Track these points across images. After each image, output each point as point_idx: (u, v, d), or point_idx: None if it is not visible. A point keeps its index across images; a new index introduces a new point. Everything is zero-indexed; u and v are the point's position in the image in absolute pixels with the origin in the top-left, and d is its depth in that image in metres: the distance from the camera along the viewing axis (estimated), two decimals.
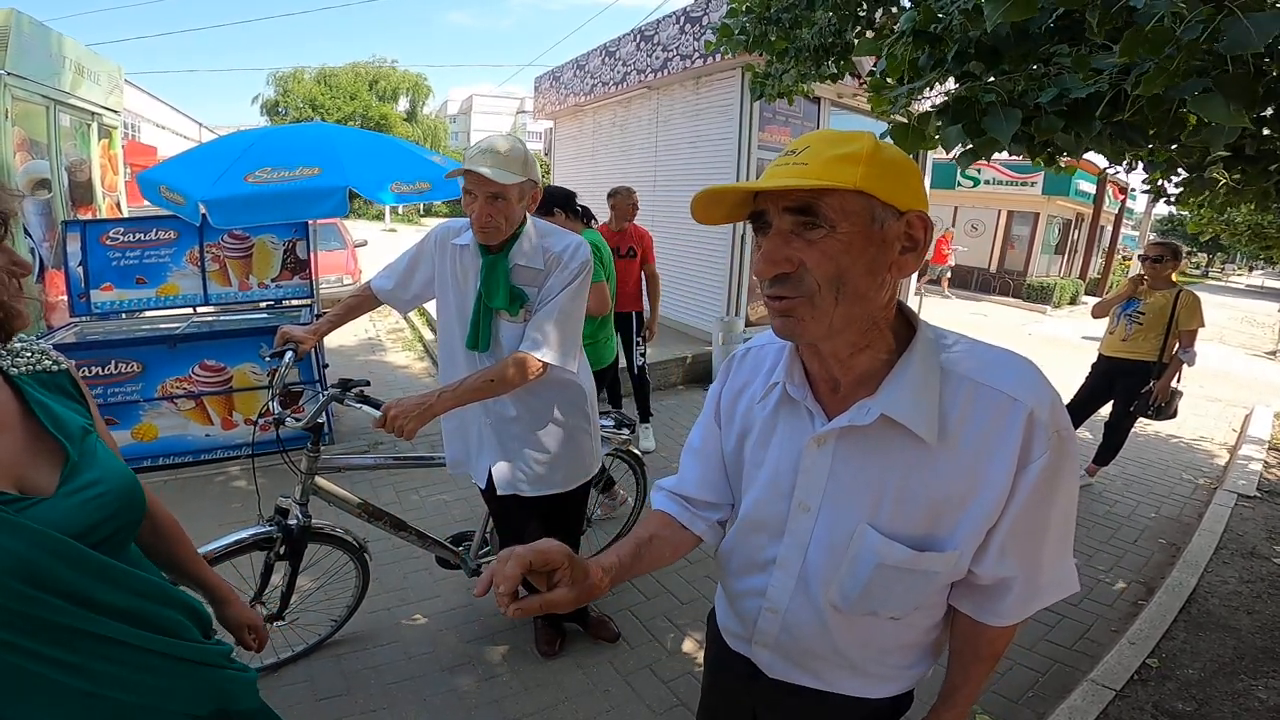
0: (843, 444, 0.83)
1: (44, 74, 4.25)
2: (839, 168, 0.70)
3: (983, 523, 0.79)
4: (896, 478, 0.80)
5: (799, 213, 0.72)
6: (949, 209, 15.85)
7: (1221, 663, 2.46)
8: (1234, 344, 11.38)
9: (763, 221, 0.77)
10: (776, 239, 0.75)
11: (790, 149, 0.75)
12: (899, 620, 0.87)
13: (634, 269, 4.18)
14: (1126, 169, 2.17)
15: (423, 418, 1.63)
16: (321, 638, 2.33)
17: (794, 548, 0.89)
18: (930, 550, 0.80)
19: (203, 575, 1.17)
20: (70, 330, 3.85)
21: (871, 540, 0.82)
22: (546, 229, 1.81)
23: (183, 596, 0.95)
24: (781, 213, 0.74)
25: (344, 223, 8.99)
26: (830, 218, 0.71)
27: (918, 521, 0.80)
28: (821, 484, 0.85)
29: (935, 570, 0.82)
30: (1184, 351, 3.57)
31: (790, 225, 0.73)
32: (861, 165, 0.70)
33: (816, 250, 0.72)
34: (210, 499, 3.45)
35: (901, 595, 0.84)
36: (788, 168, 0.72)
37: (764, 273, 0.75)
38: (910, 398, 0.77)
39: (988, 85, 1.48)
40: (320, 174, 3.40)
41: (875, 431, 0.79)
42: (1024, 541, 0.80)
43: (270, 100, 28.95)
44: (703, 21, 5.81)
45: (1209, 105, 1.06)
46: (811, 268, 0.73)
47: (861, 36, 2.66)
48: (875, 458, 0.81)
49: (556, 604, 0.76)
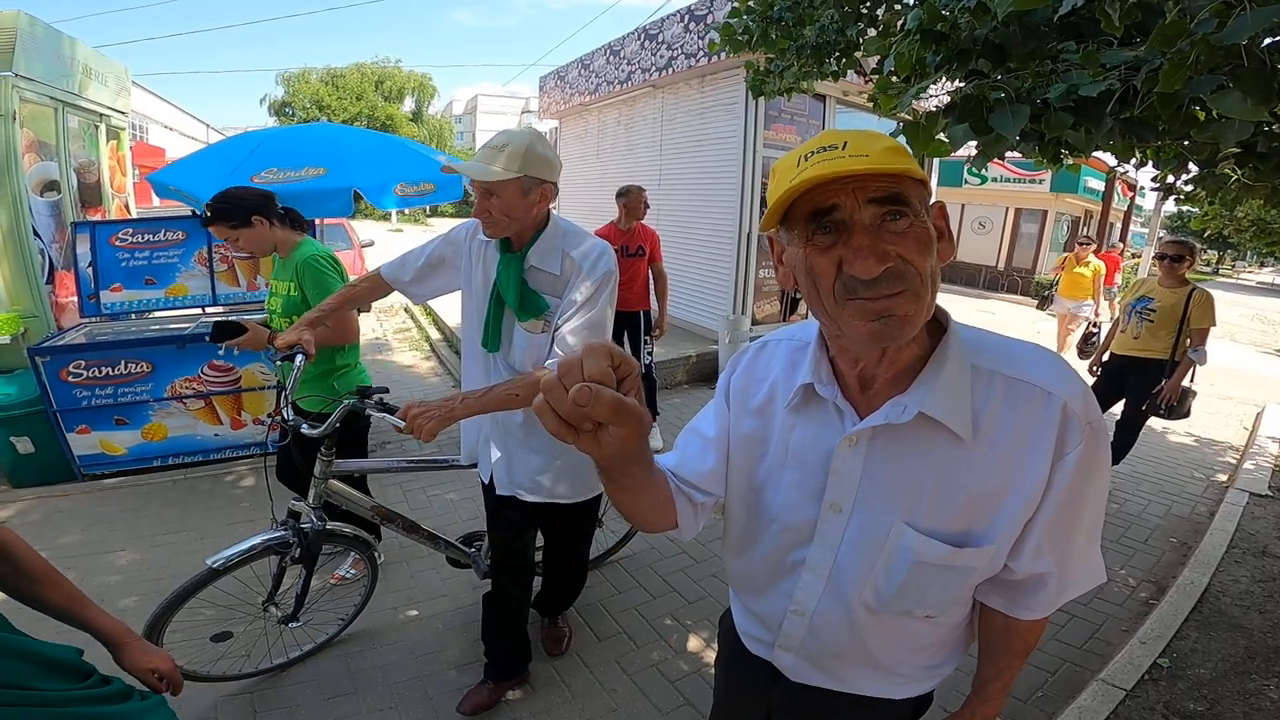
0: (876, 443, 0.81)
1: (52, 75, 4.27)
2: (899, 157, 0.68)
3: (1020, 516, 0.78)
4: (933, 475, 0.79)
5: (886, 202, 0.69)
6: (956, 206, 15.76)
7: (1233, 662, 2.43)
8: (1245, 342, 11.27)
9: (827, 218, 0.70)
10: (868, 234, 0.69)
11: (825, 144, 0.70)
12: (932, 618, 0.87)
13: (641, 268, 4.18)
14: (1136, 166, 2.15)
15: (443, 420, 1.62)
16: (329, 636, 2.34)
17: (824, 549, 0.87)
18: (968, 546, 0.80)
19: (85, 618, 1.11)
20: (80, 331, 3.88)
21: (909, 539, 0.81)
22: (571, 232, 1.74)
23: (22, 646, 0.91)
24: (864, 204, 0.69)
25: (350, 223, 9.02)
26: (915, 206, 0.70)
27: (954, 518, 0.79)
28: (854, 484, 0.83)
29: (973, 566, 0.81)
30: (1195, 350, 3.53)
31: (874, 217, 0.69)
32: (907, 156, 0.69)
33: (912, 240, 0.69)
34: (220, 498, 3.47)
35: (938, 593, 0.84)
36: (847, 160, 0.67)
37: (872, 270, 0.68)
38: (946, 394, 0.76)
39: (995, 83, 1.47)
40: (326, 174, 3.42)
41: (911, 429, 0.78)
42: (1058, 534, 0.79)
43: (278, 101, 29.13)
44: (707, 20, 5.80)
45: (1226, 101, 1.06)
46: (911, 259, 0.69)
47: (864, 34, 2.65)
48: (911, 456, 0.79)
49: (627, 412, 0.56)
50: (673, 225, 6.62)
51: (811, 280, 0.73)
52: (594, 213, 8.10)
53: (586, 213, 8.59)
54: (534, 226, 1.68)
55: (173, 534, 3.10)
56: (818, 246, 0.72)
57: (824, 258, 0.71)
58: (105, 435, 3.58)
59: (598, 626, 2.55)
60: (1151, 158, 1.90)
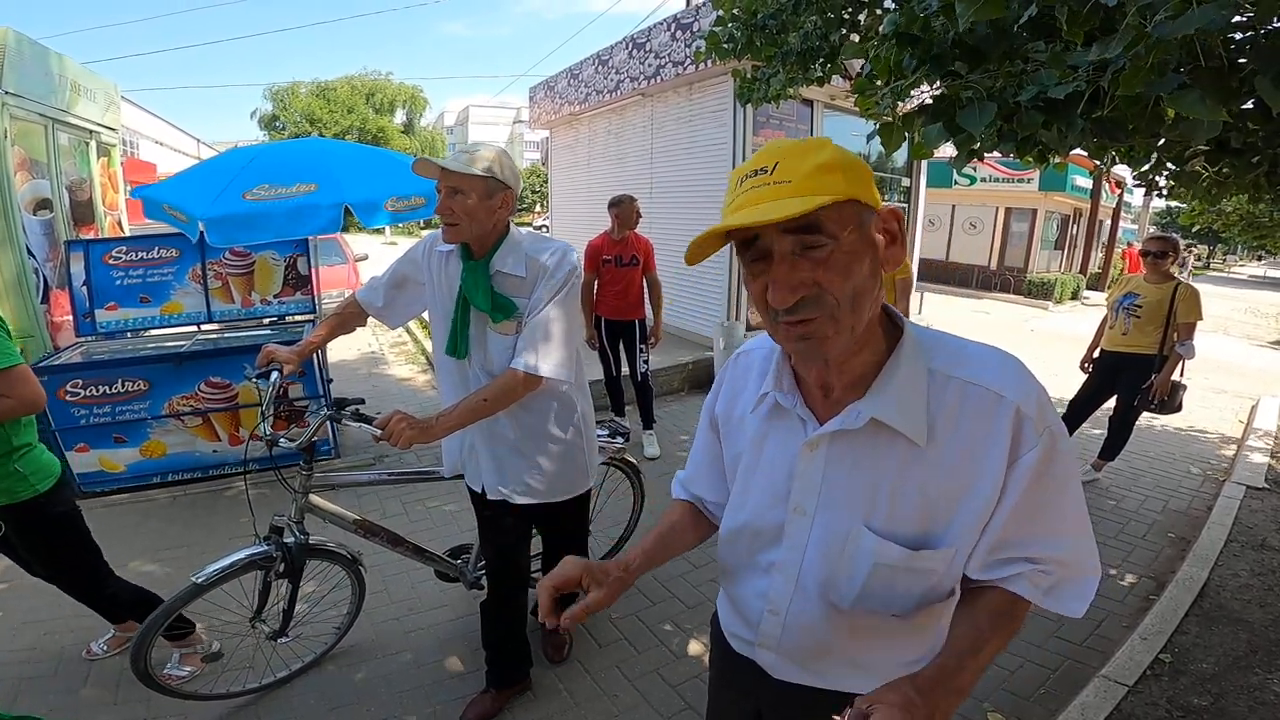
0: (835, 448, 0.84)
1: (42, 92, 4.28)
2: (824, 179, 0.69)
3: (977, 519, 0.79)
4: (889, 479, 0.81)
5: (802, 232, 0.71)
6: (946, 207, 15.86)
7: (1235, 656, 2.44)
8: (1238, 335, 11.34)
9: (753, 247, 0.74)
10: (784, 264, 0.72)
11: (758, 166, 0.72)
12: (903, 618, 0.88)
13: (636, 277, 4.20)
14: (1109, 165, 2.19)
15: (420, 433, 1.63)
16: (320, 652, 2.34)
17: (792, 551, 0.90)
18: (925, 548, 0.81)
19: None
20: (76, 350, 3.88)
21: (867, 541, 0.82)
22: (532, 238, 1.79)
23: None
24: (781, 235, 0.71)
25: (345, 237, 9.04)
26: (833, 231, 0.71)
27: (912, 521, 0.81)
28: (816, 488, 0.86)
29: (931, 568, 0.82)
30: (1182, 345, 3.56)
31: (792, 246, 0.72)
32: (839, 172, 0.70)
33: (829, 268, 0.71)
34: (220, 514, 3.47)
35: (900, 594, 0.85)
36: (770, 188, 0.70)
37: (785, 301, 0.72)
38: (898, 400, 0.78)
39: (967, 83, 1.49)
40: (317, 190, 3.42)
41: (866, 435, 0.80)
42: (1019, 538, 0.80)
43: (268, 115, 29.19)
44: (693, 28, 5.85)
45: (1186, 101, 1.08)
46: (828, 286, 0.72)
47: (846, 40, 2.68)
48: (867, 460, 0.82)
49: (595, 605, 0.89)
50: (665, 232, 6.65)
51: (751, 300, 0.79)
52: (586, 221, 8.13)
53: (578, 222, 8.63)
54: (495, 234, 1.72)
55: (174, 549, 3.10)
56: (751, 273, 0.76)
57: (756, 283, 0.76)
58: (104, 453, 3.58)
59: (598, 633, 2.56)
60: (1124, 157, 1.93)
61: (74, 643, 2.29)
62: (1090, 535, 0.84)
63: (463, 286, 1.75)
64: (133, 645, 1.83)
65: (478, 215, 1.65)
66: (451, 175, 1.61)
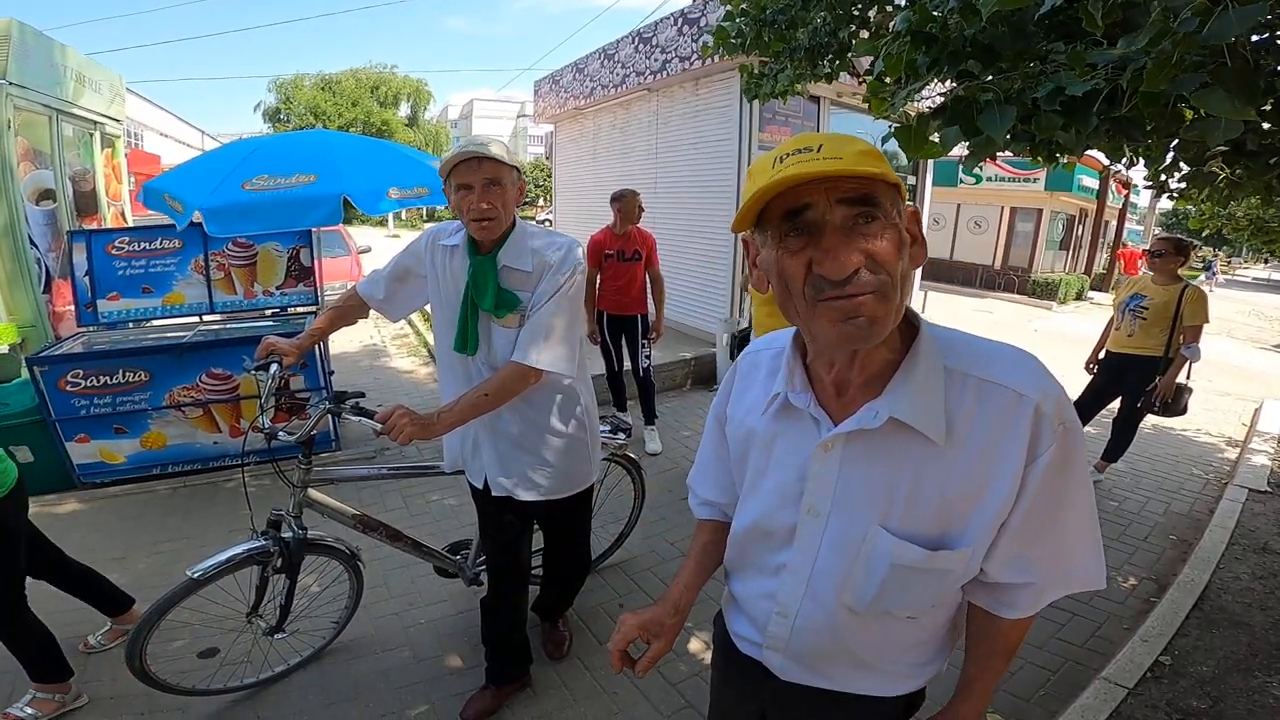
0: (851, 448, 0.82)
1: (46, 83, 4.27)
2: (872, 161, 0.68)
3: (994, 519, 0.78)
4: (907, 479, 0.79)
5: (857, 204, 0.69)
6: (952, 206, 15.79)
7: (1235, 659, 2.43)
8: (1242, 338, 11.30)
9: (798, 219, 0.71)
10: (838, 234, 0.69)
11: (801, 146, 0.70)
12: (915, 619, 0.87)
13: (638, 272, 4.19)
14: (1127, 165, 2.16)
15: (422, 429, 1.61)
16: (318, 647, 2.33)
17: (803, 553, 0.89)
18: (944, 549, 0.80)
19: None
20: (78, 340, 3.88)
21: (885, 542, 0.81)
22: (536, 231, 1.77)
23: None
24: (834, 205, 0.69)
25: (348, 229, 9.02)
26: (887, 209, 0.70)
27: (930, 521, 0.80)
28: (830, 489, 0.84)
29: (949, 569, 0.82)
30: (1188, 347, 3.54)
31: (845, 218, 0.69)
32: (881, 161, 0.70)
33: (883, 242, 0.69)
34: (221, 505, 3.47)
35: (917, 595, 0.84)
36: (821, 161, 0.67)
37: (842, 270, 0.68)
38: (917, 399, 0.77)
39: (984, 84, 1.48)
40: (316, 181, 3.40)
41: (884, 434, 0.79)
42: (1035, 536, 0.80)
43: (272, 107, 29.16)
44: (700, 23, 5.82)
45: (1211, 99, 1.06)
46: (882, 260, 0.69)
47: (856, 36, 2.66)
48: (885, 460, 0.80)
49: (659, 654, 1.01)
50: (669, 228, 6.62)
51: (783, 282, 0.74)
52: (590, 216, 8.11)
53: (582, 216, 8.60)
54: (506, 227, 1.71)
55: (173, 541, 3.09)
56: (789, 249, 0.73)
57: (794, 259, 0.72)
58: (104, 444, 3.58)
59: (598, 630, 2.55)
60: (1141, 156, 1.91)
61: (71, 635, 2.28)
62: (1098, 541, 0.85)
63: (469, 284, 1.72)
64: (127, 644, 1.83)
65: (510, 207, 1.64)
66: (493, 165, 1.58)
